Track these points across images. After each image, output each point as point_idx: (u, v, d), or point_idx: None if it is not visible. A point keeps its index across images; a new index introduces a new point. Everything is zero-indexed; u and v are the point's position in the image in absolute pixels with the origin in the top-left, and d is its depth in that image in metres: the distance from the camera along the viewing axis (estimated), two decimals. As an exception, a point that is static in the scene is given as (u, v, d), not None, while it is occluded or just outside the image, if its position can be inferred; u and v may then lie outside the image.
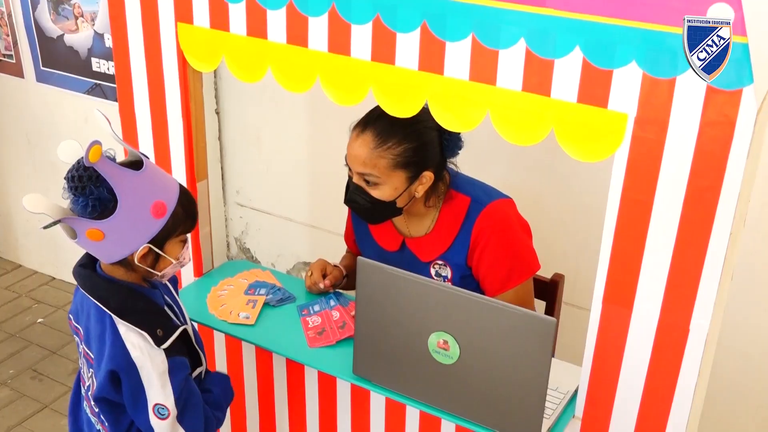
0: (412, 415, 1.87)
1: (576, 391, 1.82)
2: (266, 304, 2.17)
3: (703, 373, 1.61)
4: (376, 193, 1.92)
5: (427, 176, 1.94)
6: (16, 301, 3.88)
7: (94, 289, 1.66)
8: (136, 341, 1.62)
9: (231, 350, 2.13)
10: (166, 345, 1.64)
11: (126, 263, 1.64)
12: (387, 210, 1.96)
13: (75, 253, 1.69)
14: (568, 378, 1.90)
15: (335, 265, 2.22)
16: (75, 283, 1.74)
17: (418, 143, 1.89)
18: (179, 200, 1.64)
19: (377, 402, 1.91)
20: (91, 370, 1.71)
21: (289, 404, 2.08)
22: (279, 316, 2.13)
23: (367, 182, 1.92)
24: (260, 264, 2.54)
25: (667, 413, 1.65)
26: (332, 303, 2.14)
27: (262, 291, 2.21)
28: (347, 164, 1.95)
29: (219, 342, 2.14)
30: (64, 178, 1.56)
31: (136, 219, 1.57)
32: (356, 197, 1.96)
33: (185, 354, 1.71)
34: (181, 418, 1.66)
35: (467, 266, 2.01)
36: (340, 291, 2.24)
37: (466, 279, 2.02)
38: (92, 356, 1.70)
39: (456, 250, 2.00)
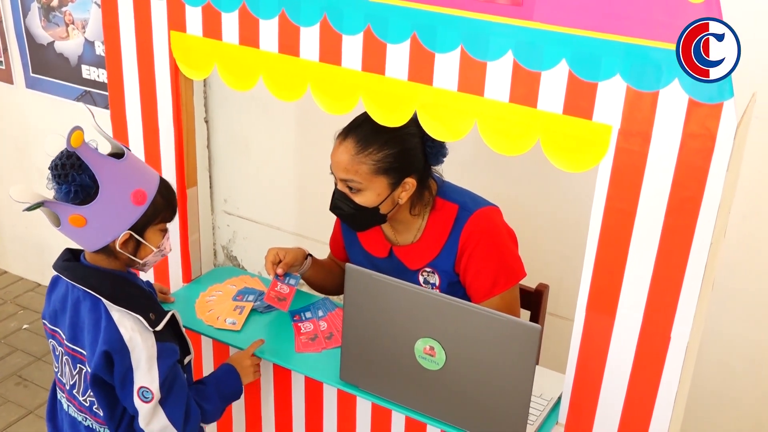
0: (398, 421, 1.88)
1: (559, 398, 1.84)
2: (254, 311, 2.18)
3: (683, 381, 1.64)
4: (359, 199, 1.95)
5: (410, 183, 1.96)
6: (2, 307, 3.86)
7: (85, 278, 1.70)
8: (129, 325, 1.67)
9: (219, 355, 2.14)
10: (160, 327, 1.70)
11: (108, 251, 1.70)
12: (371, 216, 1.99)
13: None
14: (551, 385, 1.92)
15: (297, 248, 2.22)
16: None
17: (399, 149, 1.92)
18: (159, 190, 1.70)
19: (363, 407, 1.93)
20: (78, 366, 1.75)
21: (275, 409, 2.09)
22: (266, 322, 2.14)
23: (350, 189, 1.95)
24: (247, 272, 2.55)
25: (648, 420, 1.67)
26: (320, 313, 2.16)
27: (250, 297, 2.23)
28: (332, 172, 1.98)
29: (207, 347, 2.15)
30: (48, 168, 1.63)
31: (116, 205, 1.64)
32: (340, 204, 1.98)
33: (174, 341, 1.76)
34: (163, 403, 1.70)
35: (455, 273, 2.04)
36: (327, 297, 2.26)
37: (454, 286, 2.05)
38: (81, 351, 1.73)
39: (444, 257, 2.03)
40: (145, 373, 1.68)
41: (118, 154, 1.66)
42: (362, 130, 1.91)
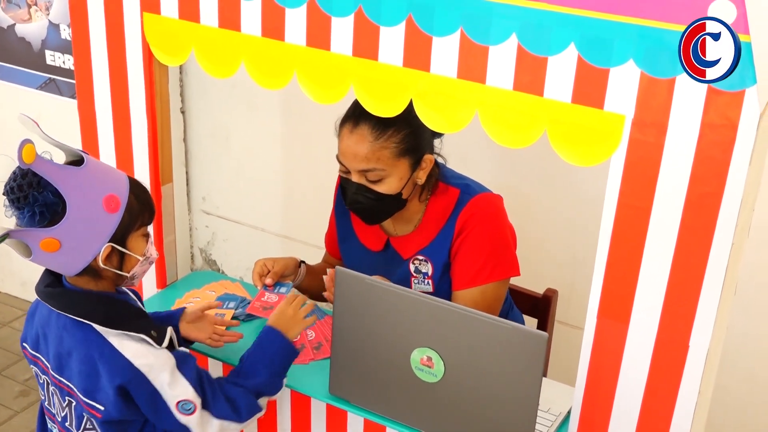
0: (393, 439, 1.90)
1: (569, 413, 1.86)
2: (234, 319, 2.19)
3: (703, 394, 1.65)
4: (382, 188, 1.96)
5: (428, 159, 2.00)
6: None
7: (73, 306, 1.67)
8: (134, 348, 1.65)
9: (196, 368, 2.15)
10: (166, 342, 1.69)
11: (92, 271, 1.67)
12: (393, 204, 2.00)
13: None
14: (560, 398, 1.94)
15: (287, 257, 2.23)
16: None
17: (414, 127, 1.93)
18: (131, 190, 1.67)
19: (355, 423, 1.94)
20: (67, 398, 1.73)
21: (258, 427, 2.10)
22: (249, 331, 2.14)
23: (370, 179, 1.96)
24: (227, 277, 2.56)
25: (665, 436, 1.69)
26: (308, 321, 2.17)
27: (231, 304, 2.24)
28: (341, 164, 1.99)
29: (183, 359, 2.16)
30: (2, 194, 1.58)
31: (89, 218, 1.60)
32: (360, 197, 1.99)
33: None
34: (207, 406, 1.71)
35: (450, 261, 2.05)
36: (315, 304, 2.26)
37: (447, 276, 2.06)
38: (69, 384, 1.71)
39: (439, 243, 2.04)
40: (175, 387, 1.67)
41: (76, 161, 1.62)
42: (374, 114, 1.91)
